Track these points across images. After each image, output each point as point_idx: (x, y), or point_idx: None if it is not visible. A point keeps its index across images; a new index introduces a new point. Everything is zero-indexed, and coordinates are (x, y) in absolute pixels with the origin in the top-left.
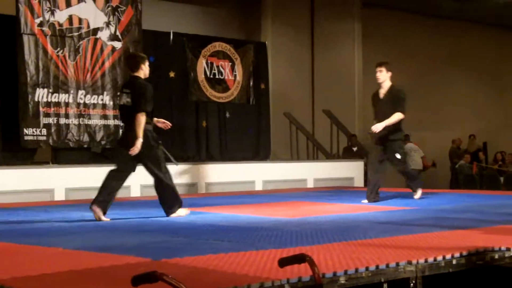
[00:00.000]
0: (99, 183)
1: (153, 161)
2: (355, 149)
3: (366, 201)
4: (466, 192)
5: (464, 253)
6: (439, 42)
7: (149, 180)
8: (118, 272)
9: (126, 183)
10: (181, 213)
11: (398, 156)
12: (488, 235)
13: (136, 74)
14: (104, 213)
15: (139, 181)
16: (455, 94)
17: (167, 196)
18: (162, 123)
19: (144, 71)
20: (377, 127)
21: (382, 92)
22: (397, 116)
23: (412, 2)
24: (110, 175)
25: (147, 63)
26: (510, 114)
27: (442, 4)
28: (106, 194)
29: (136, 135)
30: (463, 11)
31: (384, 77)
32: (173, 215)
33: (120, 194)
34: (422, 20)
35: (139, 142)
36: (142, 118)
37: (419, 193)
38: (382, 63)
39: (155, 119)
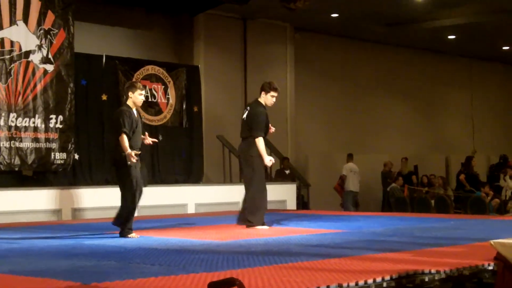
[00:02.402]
0: (30, 207)
1: (119, 179)
2: (287, 171)
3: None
4: (397, 215)
5: (394, 276)
6: (371, 66)
7: (80, 204)
8: None
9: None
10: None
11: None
12: (418, 257)
13: (127, 102)
14: None
15: (70, 205)
16: (386, 118)
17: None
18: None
19: (132, 99)
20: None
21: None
22: None
23: (343, 26)
24: None
25: (136, 92)
26: (439, 137)
27: (372, 29)
28: None
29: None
30: (394, 36)
31: None
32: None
33: (52, 217)
34: (355, 44)
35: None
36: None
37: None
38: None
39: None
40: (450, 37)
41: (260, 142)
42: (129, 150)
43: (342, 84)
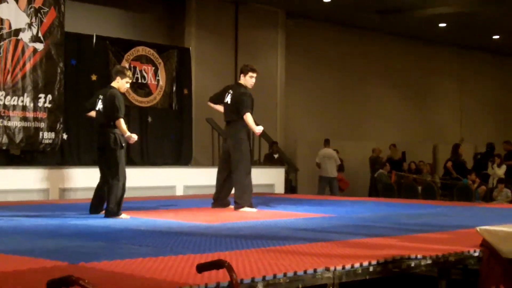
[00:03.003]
0: (17, 186)
1: (107, 161)
2: (276, 156)
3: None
4: (384, 200)
5: (381, 260)
6: (362, 53)
7: (68, 184)
8: (34, 276)
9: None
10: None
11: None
12: (405, 243)
13: (113, 84)
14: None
15: (58, 185)
16: (376, 105)
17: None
18: None
19: (118, 84)
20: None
21: None
22: None
23: (336, 13)
24: None
25: (125, 79)
26: (429, 126)
27: (365, 16)
28: None
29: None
30: (385, 24)
31: None
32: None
33: (40, 197)
34: (346, 31)
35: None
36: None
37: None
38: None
39: None
40: (441, 25)
41: (249, 116)
42: (128, 133)
43: (333, 70)
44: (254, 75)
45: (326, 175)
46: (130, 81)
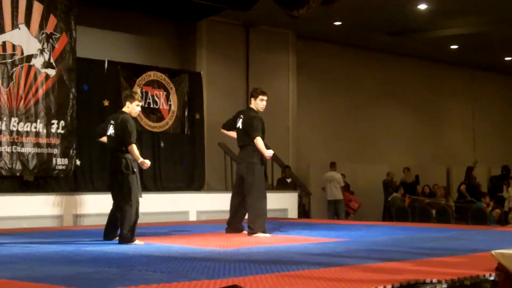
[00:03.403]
0: (31, 212)
1: (120, 187)
2: (289, 180)
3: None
4: (398, 224)
5: (396, 285)
6: (373, 75)
7: (81, 210)
8: None
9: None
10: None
11: None
12: (420, 267)
13: (123, 109)
14: None
15: (71, 211)
16: (387, 127)
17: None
18: None
19: (129, 109)
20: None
21: None
22: None
23: (346, 35)
24: None
25: (134, 103)
26: (442, 148)
27: (375, 37)
28: None
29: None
30: (396, 45)
31: None
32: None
33: (54, 223)
34: (357, 53)
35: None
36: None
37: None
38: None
39: None
40: (452, 47)
41: (259, 140)
42: (141, 159)
43: (344, 92)
44: (265, 98)
45: (331, 198)
46: (140, 104)
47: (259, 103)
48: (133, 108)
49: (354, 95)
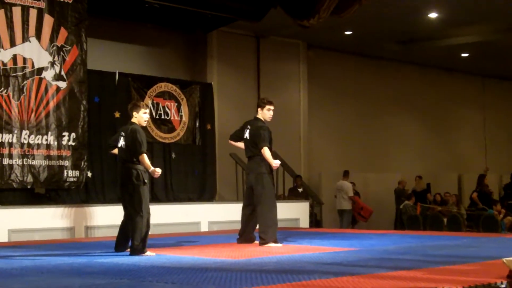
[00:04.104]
0: (42, 225)
1: (132, 197)
2: (300, 189)
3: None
4: (410, 233)
5: None
6: (383, 83)
7: (93, 221)
8: None
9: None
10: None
11: None
12: (432, 275)
13: (132, 120)
14: None
15: (83, 223)
16: (399, 136)
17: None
18: None
19: (137, 118)
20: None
21: None
22: None
23: (357, 44)
24: None
25: (141, 111)
26: (453, 156)
27: (384, 46)
28: None
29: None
30: (404, 53)
31: None
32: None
33: (65, 235)
34: (366, 62)
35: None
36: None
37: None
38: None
39: None
40: (463, 55)
41: (266, 150)
42: (152, 168)
43: (355, 101)
44: (272, 107)
45: (338, 208)
46: (147, 110)
47: (266, 113)
48: (140, 117)
49: (365, 104)
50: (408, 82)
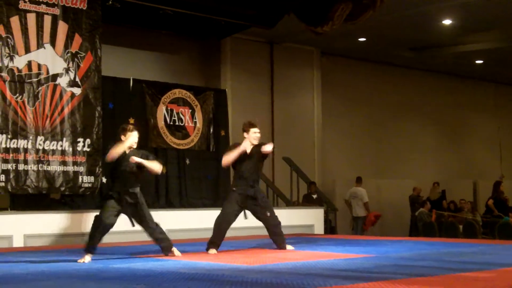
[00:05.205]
0: (57, 230)
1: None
2: (314, 196)
3: None
4: (425, 239)
5: None
6: (398, 91)
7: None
8: None
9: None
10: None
11: None
12: (447, 282)
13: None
14: None
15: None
16: (413, 143)
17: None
18: None
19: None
20: None
21: None
22: None
23: (370, 51)
24: None
25: (128, 134)
26: (468, 163)
27: (399, 53)
28: None
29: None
30: (418, 60)
31: None
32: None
33: (78, 241)
34: (379, 68)
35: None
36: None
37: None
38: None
39: None
40: (477, 62)
41: (224, 160)
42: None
43: (369, 108)
44: (256, 130)
45: (353, 214)
46: (133, 133)
47: (251, 136)
48: (127, 139)
49: (379, 111)
50: (422, 89)
